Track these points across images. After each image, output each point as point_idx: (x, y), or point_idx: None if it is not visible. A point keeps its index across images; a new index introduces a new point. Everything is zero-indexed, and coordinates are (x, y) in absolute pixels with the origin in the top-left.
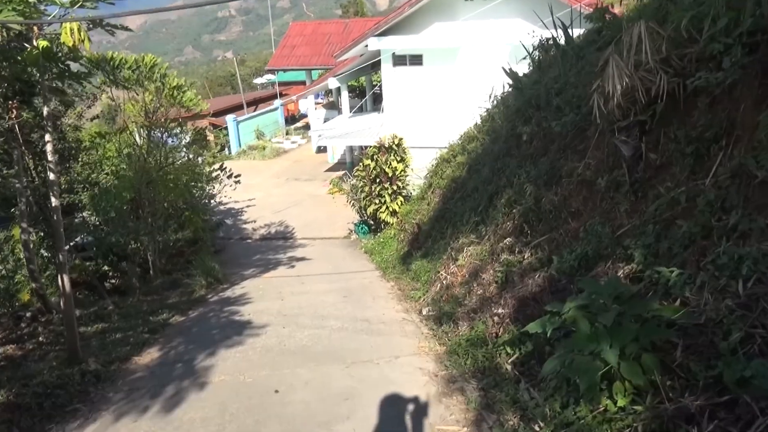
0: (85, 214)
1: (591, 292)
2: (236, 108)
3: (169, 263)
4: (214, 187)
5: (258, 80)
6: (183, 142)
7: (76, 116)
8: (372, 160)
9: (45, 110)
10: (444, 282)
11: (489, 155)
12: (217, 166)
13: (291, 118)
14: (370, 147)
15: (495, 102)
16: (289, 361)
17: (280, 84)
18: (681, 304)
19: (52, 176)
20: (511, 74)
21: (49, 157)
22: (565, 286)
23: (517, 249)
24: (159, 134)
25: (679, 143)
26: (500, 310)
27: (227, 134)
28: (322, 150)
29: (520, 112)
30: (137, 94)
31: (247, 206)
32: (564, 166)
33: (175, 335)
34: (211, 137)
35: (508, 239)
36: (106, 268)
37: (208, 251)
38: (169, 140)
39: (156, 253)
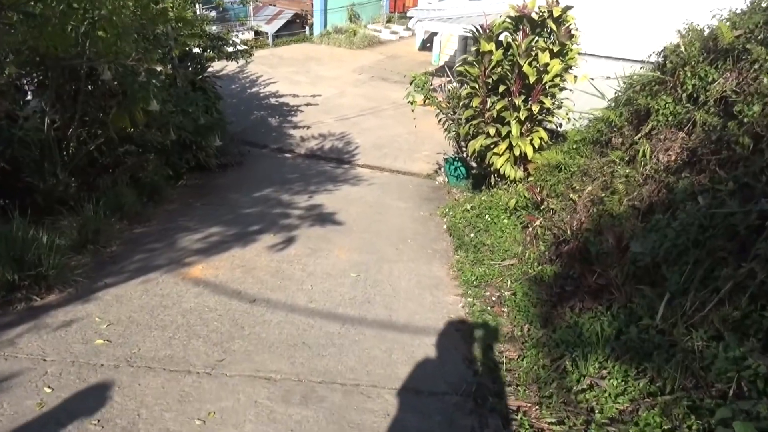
0: None
1: None
2: None
3: (80, 179)
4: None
5: None
6: None
7: None
8: (497, 44)
9: None
10: None
11: None
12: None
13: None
14: (500, 20)
15: None
16: None
17: None
18: None
19: None
20: None
21: None
22: None
23: None
24: None
25: None
26: None
27: None
28: (427, 48)
29: None
30: None
31: (308, 104)
32: None
33: None
34: (311, 21)
35: None
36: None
37: (161, 173)
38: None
39: None
